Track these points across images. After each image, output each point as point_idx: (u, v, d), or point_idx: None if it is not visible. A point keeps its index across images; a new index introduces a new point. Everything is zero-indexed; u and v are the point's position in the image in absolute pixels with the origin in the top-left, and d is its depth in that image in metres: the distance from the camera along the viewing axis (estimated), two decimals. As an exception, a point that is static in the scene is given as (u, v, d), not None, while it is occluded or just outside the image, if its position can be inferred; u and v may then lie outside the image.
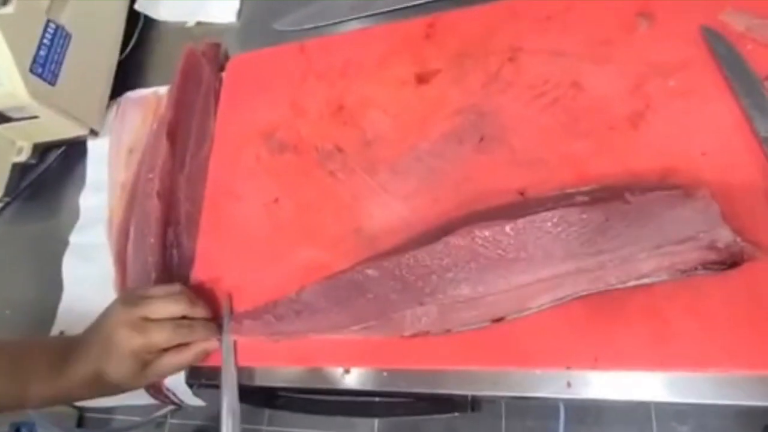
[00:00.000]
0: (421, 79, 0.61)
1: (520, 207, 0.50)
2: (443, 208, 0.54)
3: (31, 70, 0.66)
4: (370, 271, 0.51)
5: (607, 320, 0.46)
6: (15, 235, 0.79)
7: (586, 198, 0.47)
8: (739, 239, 0.43)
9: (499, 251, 0.47)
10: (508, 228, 0.47)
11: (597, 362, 0.45)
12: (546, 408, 1.29)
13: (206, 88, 0.71)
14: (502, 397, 0.52)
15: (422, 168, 0.57)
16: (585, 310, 0.47)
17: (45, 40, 0.68)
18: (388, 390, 0.53)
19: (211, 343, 0.56)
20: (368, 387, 0.53)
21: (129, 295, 0.57)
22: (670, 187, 0.46)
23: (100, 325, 0.54)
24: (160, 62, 0.81)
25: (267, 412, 1.56)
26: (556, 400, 0.49)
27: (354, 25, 0.70)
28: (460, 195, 0.54)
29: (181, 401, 0.63)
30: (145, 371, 0.54)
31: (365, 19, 0.70)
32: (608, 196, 0.47)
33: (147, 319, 0.53)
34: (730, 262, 0.44)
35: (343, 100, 0.64)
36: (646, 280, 0.45)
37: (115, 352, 0.52)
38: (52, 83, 0.68)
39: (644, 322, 0.45)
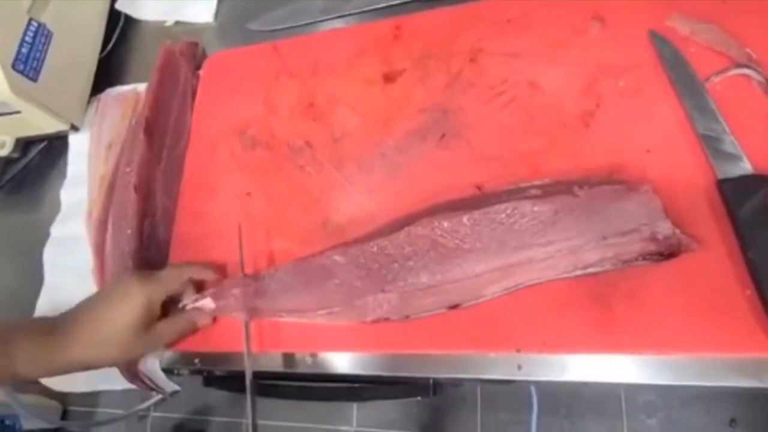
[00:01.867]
0: (388, 78, 0.64)
1: (478, 200, 0.53)
2: (405, 202, 0.57)
3: (13, 67, 0.68)
4: (337, 257, 0.54)
5: (555, 306, 0.49)
6: (-3, 227, 0.81)
7: (538, 192, 0.50)
8: (678, 231, 0.46)
9: (457, 241, 0.50)
10: (465, 219, 0.50)
11: (545, 345, 0.48)
12: (519, 401, 1.33)
13: (183, 85, 0.73)
14: (460, 380, 0.54)
15: (387, 163, 0.60)
16: (535, 297, 0.50)
17: (27, 38, 0.70)
18: (352, 374, 0.55)
19: (203, 316, 0.59)
20: (333, 371, 0.56)
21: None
22: (616, 182, 0.49)
23: (110, 286, 0.59)
24: (139, 60, 0.83)
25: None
26: (514, 384, 0.52)
27: (326, 26, 0.73)
28: (422, 189, 0.57)
29: (157, 386, 0.65)
30: (143, 334, 0.55)
31: (336, 21, 0.72)
32: (559, 190, 0.50)
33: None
34: (668, 253, 0.47)
35: (313, 98, 0.67)
36: (591, 270, 0.48)
37: (125, 298, 0.54)
38: (34, 79, 0.71)
39: (589, 309, 0.48)
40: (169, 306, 0.59)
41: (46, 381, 0.67)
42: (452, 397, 1.40)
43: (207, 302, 0.58)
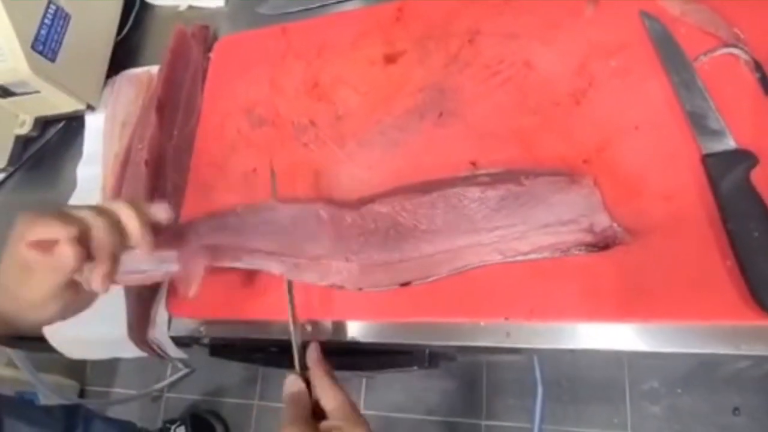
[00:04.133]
0: (389, 59, 0.66)
1: (438, 183, 0.56)
2: (403, 177, 0.59)
3: (32, 48, 0.71)
4: (321, 212, 0.57)
5: (542, 276, 0.51)
6: (17, 203, 0.84)
7: (488, 179, 0.53)
8: (615, 224, 0.49)
9: (414, 222, 0.54)
10: (425, 199, 0.53)
11: (532, 314, 0.50)
12: (524, 387, 1.35)
13: (194, 66, 0.76)
14: (452, 348, 0.56)
15: (386, 140, 0.62)
16: (523, 267, 0.52)
17: (46, 20, 0.73)
18: (351, 342, 0.58)
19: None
20: (332, 339, 0.58)
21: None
22: (559, 174, 0.52)
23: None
24: (153, 43, 0.86)
25: (258, 387, 1.62)
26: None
27: (332, 10, 0.75)
28: (419, 165, 0.59)
29: (165, 353, 0.68)
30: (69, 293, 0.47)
31: (342, 4, 0.74)
32: (506, 178, 0.53)
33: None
34: (603, 245, 0.49)
35: (318, 78, 0.69)
36: (532, 256, 0.51)
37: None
38: (52, 60, 0.74)
39: (576, 278, 0.50)
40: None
41: (61, 348, 0.70)
42: (458, 382, 1.43)
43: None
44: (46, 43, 0.73)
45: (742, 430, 1.21)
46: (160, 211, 0.49)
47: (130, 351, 0.67)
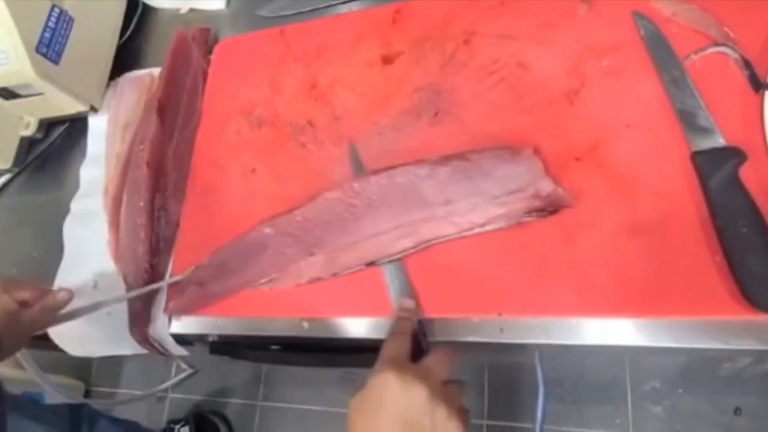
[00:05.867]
0: (386, 60, 0.67)
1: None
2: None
3: (36, 50, 0.72)
4: (267, 230, 0.60)
5: (534, 271, 0.52)
6: (22, 204, 0.86)
7: (437, 158, 0.56)
8: (558, 188, 0.52)
9: (367, 201, 0.57)
10: (373, 180, 0.56)
11: (525, 309, 0.51)
12: (526, 388, 1.35)
13: (195, 68, 0.77)
14: (447, 343, 0.57)
15: (383, 140, 0.63)
16: (516, 264, 0.52)
17: (50, 23, 0.74)
18: (345, 338, 0.59)
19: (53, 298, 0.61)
20: (325, 336, 0.59)
21: None
22: (502, 147, 0.55)
23: None
24: (156, 46, 0.87)
25: (261, 389, 1.63)
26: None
27: (331, 12, 0.76)
28: (413, 163, 0.60)
29: (166, 350, 0.69)
30: (13, 325, 0.58)
31: (341, 6, 0.75)
32: (454, 155, 0.56)
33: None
34: (552, 208, 0.52)
35: (316, 79, 0.70)
36: (488, 227, 0.53)
37: None
38: (56, 62, 0.75)
39: (567, 274, 0.51)
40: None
41: (63, 345, 0.71)
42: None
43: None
44: (50, 46, 0.74)
45: (744, 431, 1.21)
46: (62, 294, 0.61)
47: (132, 348, 0.68)
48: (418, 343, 0.51)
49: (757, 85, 0.49)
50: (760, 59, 0.50)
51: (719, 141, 0.49)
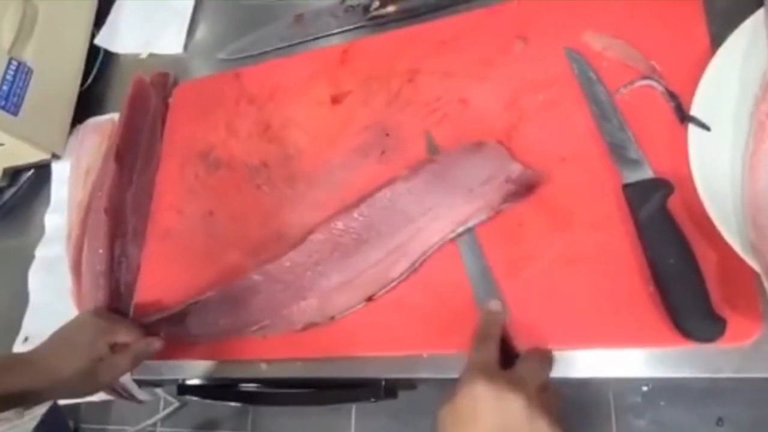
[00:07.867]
0: (335, 100, 0.69)
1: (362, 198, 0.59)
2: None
3: (-6, 103, 0.74)
4: (257, 277, 0.60)
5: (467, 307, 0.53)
6: (-10, 252, 0.87)
7: (407, 173, 0.57)
8: (528, 170, 0.54)
9: (354, 236, 0.57)
10: (355, 214, 0.57)
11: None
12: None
13: (154, 113, 0.78)
14: (416, 380, 0.58)
15: (333, 180, 0.64)
16: (460, 299, 0.54)
17: (7, 76, 0.76)
18: (313, 378, 0.60)
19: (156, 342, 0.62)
20: (289, 376, 0.60)
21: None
22: (466, 144, 0.57)
23: (67, 325, 0.62)
24: (117, 91, 0.88)
25: (250, 418, 1.62)
26: None
27: (284, 53, 0.77)
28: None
29: (132, 395, 0.69)
30: (97, 370, 0.59)
31: (294, 47, 0.77)
32: (422, 164, 0.58)
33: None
34: (525, 189, 0.54)
35: (270, 120, 0.72)
36: (471, 222, 0.54)
37: (79, 340, 0.59)
38: (15, 114, 0.76)
39: (512, 307, 0.52)
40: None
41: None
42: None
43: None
44: (8, 98, 0.75)
45: (726, 440, 1.21)
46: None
47: (98, 395, 0.68)
48: (507, 348, 0.50)
49: (682, 116, 0.51)
50: (685, 91, 0.51)
51: (648, 173, 0.50)
